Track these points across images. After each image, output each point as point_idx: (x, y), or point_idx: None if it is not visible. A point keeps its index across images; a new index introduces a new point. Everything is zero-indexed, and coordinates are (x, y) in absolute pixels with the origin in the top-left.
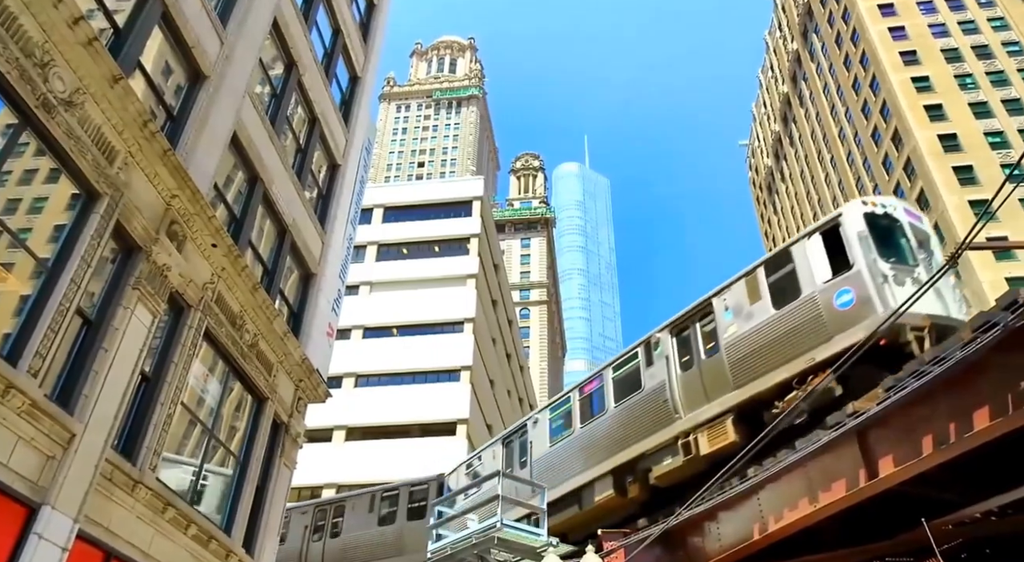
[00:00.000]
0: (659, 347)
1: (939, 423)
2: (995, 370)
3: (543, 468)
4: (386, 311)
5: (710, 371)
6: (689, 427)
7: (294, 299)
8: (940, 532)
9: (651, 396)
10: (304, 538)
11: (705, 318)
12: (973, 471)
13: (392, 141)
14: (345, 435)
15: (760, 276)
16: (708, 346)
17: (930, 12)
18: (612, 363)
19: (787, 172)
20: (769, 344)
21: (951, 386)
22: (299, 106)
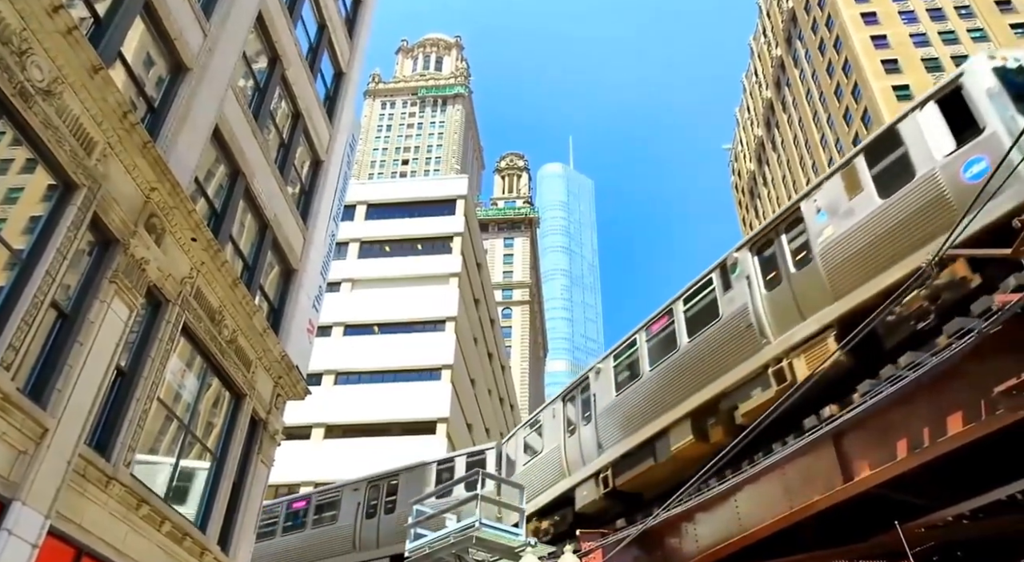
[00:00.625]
0: (738, 268)
1: (914, 427)
2: (969, 376)
3: (609, 421)
4: (368, 308)
5: (803, 284)
6: (780, 352)
7: (274, 295)
8: (913, 535)
9: (732, 323)
10: (357, 516)
11: (792, 228)
12: (946, 475)
13: (376, 138)
14: (324, 433)
15: (860, 165)
16: (798, 257)
17: (912, 22)
18: (681, 295)
19: (769, 177)
20: (877, 241)
21: (926, 391)
22: (283, 101)
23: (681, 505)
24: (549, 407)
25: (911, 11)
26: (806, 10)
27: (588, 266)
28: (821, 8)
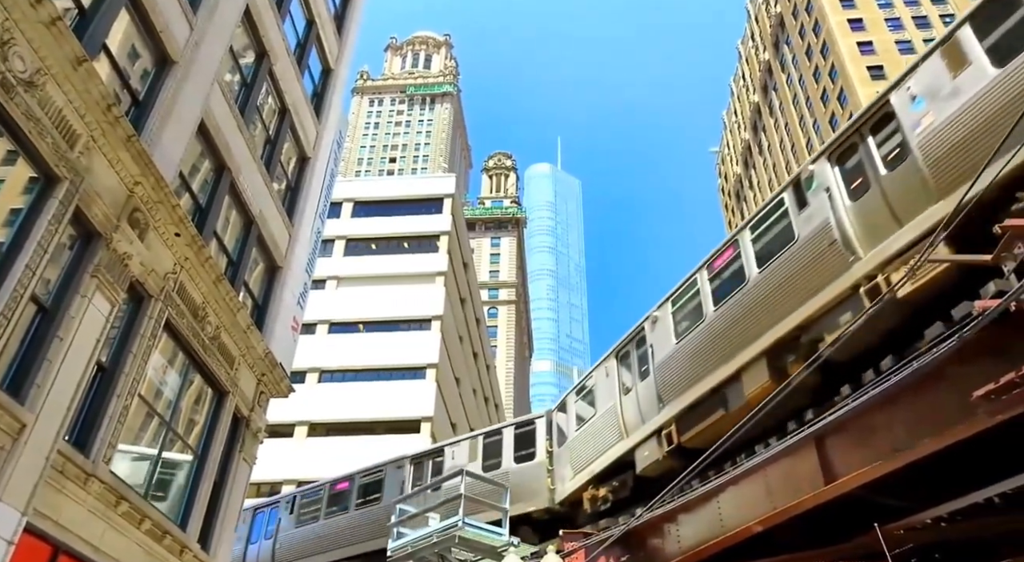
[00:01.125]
0: (814, 182)
1: (895, 430)
2: (949, 380)
3: (670, 372)
4: (353, 306)
5: (898, 186)
6: (873, 267)
7: (259, 292)
8: (892, 537)
9: (811, 244)
10: (402, 494)
11: (880, 127)
12: (925, 478)
13: (364, 135)
14: (307, 431)
15: (965, 36)
16: (891, 155)
17: (897, 29)
18: (748, 223)
19: (755, 180)
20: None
21: (908, 394)
22: (269, 96)
23: (664, 506)
24: (601, 366)
25: (897, 18)
26: (794, 15)
27: (574, 267)
28: (808, 14)
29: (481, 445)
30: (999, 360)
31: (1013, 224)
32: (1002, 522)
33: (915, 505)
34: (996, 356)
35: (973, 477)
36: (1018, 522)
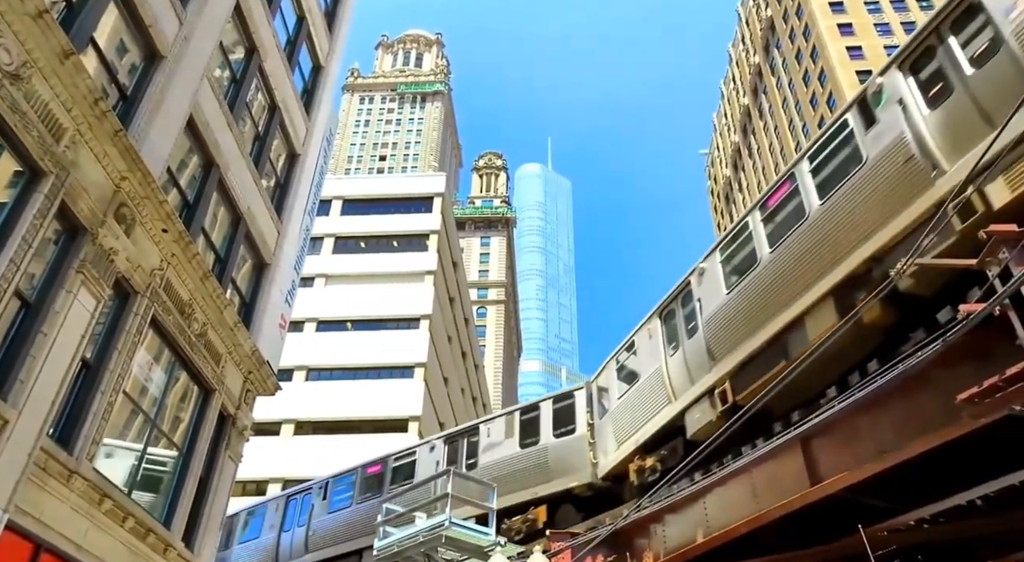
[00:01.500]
0: (884, 96)
1: (880, 433)
2: (934, 383)
3: (721, 326)
4: (341, 305)
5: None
6: (961, 179)
7: (246, 289)
8: (875, 538)
9: (884, 162)
10: None
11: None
12: (910, 480)
13: (354, 133)
14: (294, 429)
15: None
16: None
17: (886, 34)
18: (805, 153)
19: (744, 183)
20: None
21: (892, 398)
22: (259, 92)
23: (652, 506)
24: (642, 328)
25: (886, 23)
26: (784, 19)
27: (564, 267)
28: (799, 18)
29: (518, 421)
30: (983, 364)
31: (999, 229)
32: (984, 524)
33: (899, 507)
34: (980, 360)
35: (957, 479)
36: (999, 524)
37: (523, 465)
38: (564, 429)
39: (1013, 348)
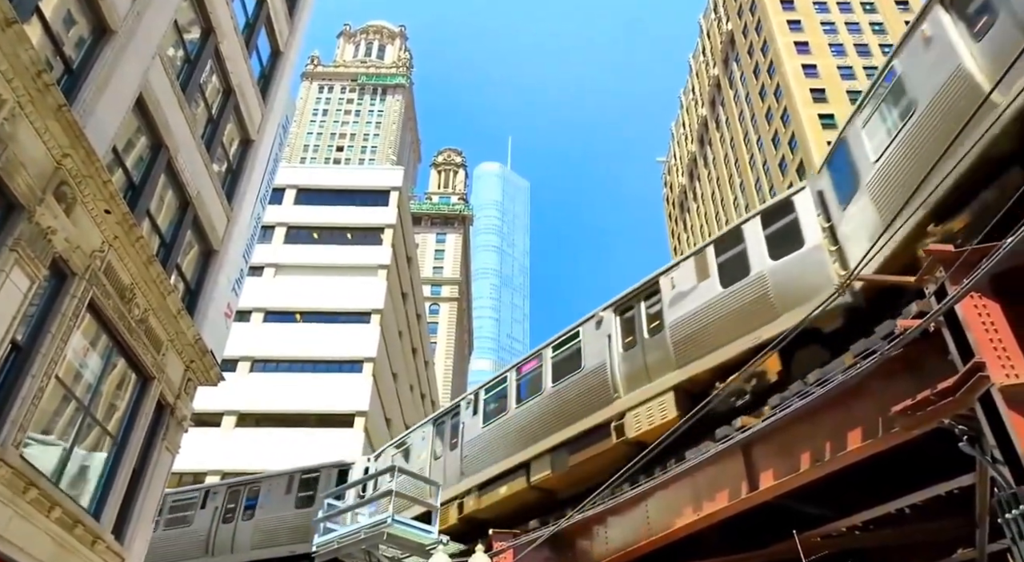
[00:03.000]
0: None
1: (817, 441)
2: (870, 395)
3: None
4: (291, 295)
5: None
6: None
7: (192, 276)
8: (809, 543)
9: None
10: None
11: None
12: (845, 487)
13: (311, 122)
14: (236, 421)
15: None
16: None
17: (840, 55)
18: None
19: (699, 192)
20: None
21: (831, 407)
22: (214, 75)
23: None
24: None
25: (840, 44)
26: (744, 34)
27: (519, 267)
28: (758, 34)
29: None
30: (917, 377)
31: (936, 249)
32: (912, 531)
33: (833, 513)
34: (915, 373)
35: (889, 488)
36: (926, 532)
37: (731, 308)
38: (786, 247)
39: (946, 363)
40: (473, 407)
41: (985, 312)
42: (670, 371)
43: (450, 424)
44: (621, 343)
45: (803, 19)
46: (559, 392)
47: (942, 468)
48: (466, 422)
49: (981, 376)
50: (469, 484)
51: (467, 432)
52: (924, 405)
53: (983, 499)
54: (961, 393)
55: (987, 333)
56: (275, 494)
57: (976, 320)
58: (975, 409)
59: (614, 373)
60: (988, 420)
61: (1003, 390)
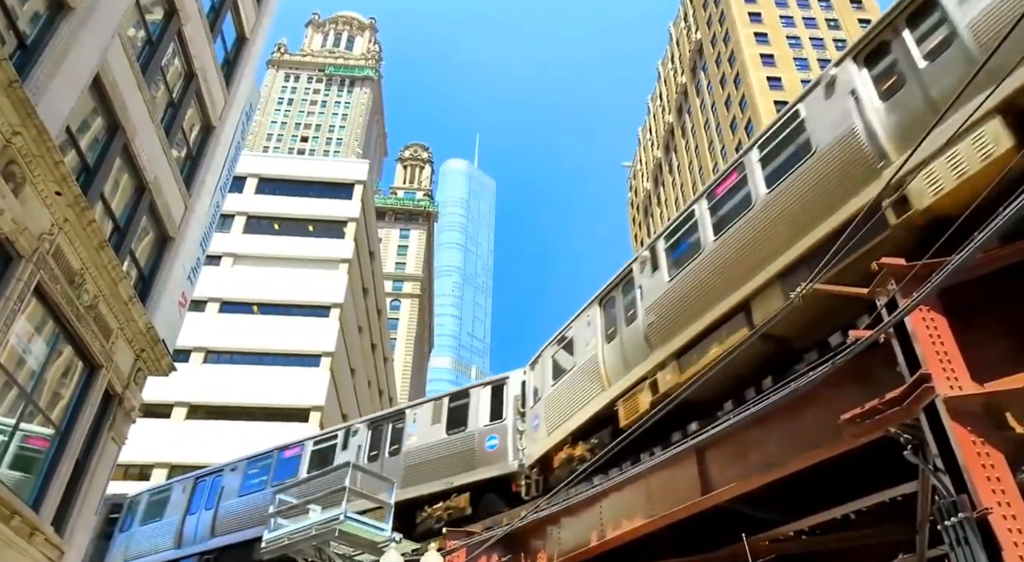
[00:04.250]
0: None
1: (769, 447)
2: (822, 403)
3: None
4: (248, 286)
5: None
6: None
7: (146, 263)
8: (758, 547)
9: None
10: None
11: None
12: (794, 492)
13: (276, 110)
14: (187, 413)
15: None
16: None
17: (804, 69)
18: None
19: (663, 198)
20: None
21: (783, 414)
22: (176, 58)
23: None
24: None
25: (804, 58)
26: (712, 44)
27: (482, 266)
28: (725, 44)
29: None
30: (866, 386)
31: (888, 262)
32: (856, 536)
33: (781, 518)
34: (864, 383)
35: (837, 494)
36: (870, 537)
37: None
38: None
39: (894, 374)
40: (652, 263)
41: (932, 325)
42: None
43: (622, 299)
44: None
45: (769, 32)
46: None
47: (887, 476)
48: (644, 284)
49: (927, 387)
50: (662, 355)
51: (648, 295)
52: (872, 414)
53: (924, 506)
54: (907, 403)
55: (934, 345)
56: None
57: (924, 333)
58: (920, 419)
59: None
60: (932, 430)
61: (947, 401)
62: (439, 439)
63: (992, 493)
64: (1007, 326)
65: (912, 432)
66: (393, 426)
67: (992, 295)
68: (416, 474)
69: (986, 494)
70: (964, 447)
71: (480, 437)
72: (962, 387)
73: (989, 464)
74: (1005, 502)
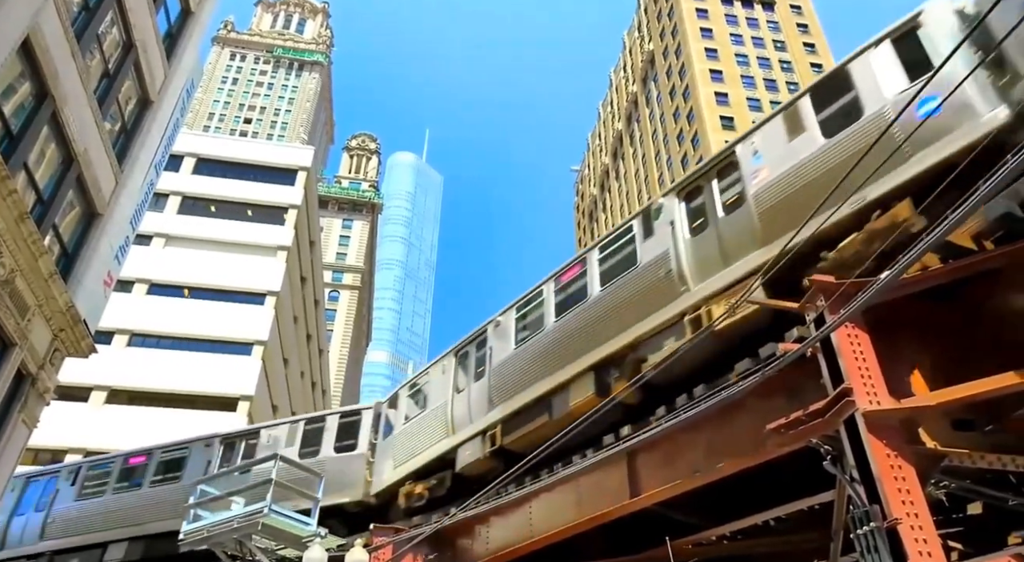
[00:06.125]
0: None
1: (698, 452)
2: (749, 412)
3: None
4: (180, 269)
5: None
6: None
7: (70, 238)
8: (681, 550)
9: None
10: None
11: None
12: (718, 498)
13: (219, 89)
14: (106, 397)
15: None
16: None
17: (750, 87)
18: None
19: (609, 204)
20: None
21: (713, 421)
22: (115, 27)
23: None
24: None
25: (751, 77)
26: (664, 56)
27: (425, 262)
28: (677, 57)
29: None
30: (792, 398)
31: (819, 279)
32: (775, 542)
33: (705, 522)
34: (791, 394)
35: (760, 500)
36: (788, 543)
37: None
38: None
39: (819, 387)
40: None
41: (856, 342)
42: None
43: (475, 354)
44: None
45: (719, 49)
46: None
47: (807, 484)
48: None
49: (848, 401)
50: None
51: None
52: (796, 424)
53: (839, 515)
54: (829, 415)
55: (856, 361)
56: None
57: (848, 348)
58: (840, 431)
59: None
60: (850, 442)
61: (866, 415)
62: None
63: (902, 504)
64: (928, 345)
65: (832, 443)
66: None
67: (915, 315)
68: None
69: (896, 505)
70: (879, 459)
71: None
72: (880, 402)
73: (901, 477)
74: (913, 513)
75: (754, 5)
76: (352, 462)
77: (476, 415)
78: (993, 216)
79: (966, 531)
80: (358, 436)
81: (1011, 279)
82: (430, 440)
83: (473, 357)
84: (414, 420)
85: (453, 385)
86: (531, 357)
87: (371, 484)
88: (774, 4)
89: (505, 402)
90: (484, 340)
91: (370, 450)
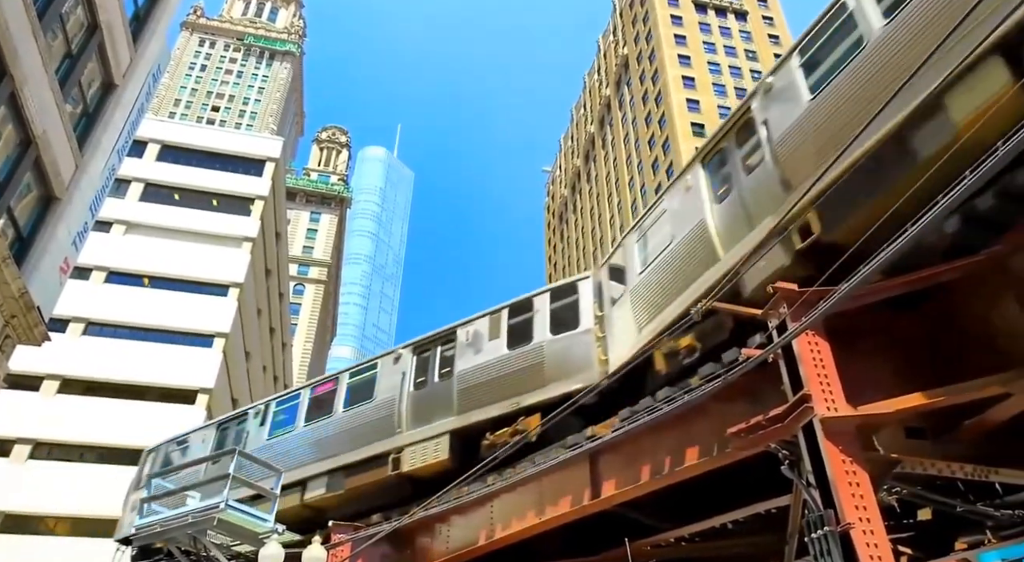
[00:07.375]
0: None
1: (659, 455)
2: (711, 415)
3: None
4: (140, 257)
5: None
6: None
7: (25, 222)
8: (640, 551)
9: None
10: None
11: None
12: (679, 500)
13: (187, 76)
14: (59, 386)
15: None
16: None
17: (721, 95)
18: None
19: (580, 206)
20: None
21: (674, 424)
22: (79, 7)
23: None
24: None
25: (723, 85)
26: (637, 60)
27: (393, 258)
28: (651, 62)
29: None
30: (754, 402)
31: (783, 287)
32: (732, 545)
33: (664, 524)
34: (752, 398)
35: (718, 503)
36: (744, 546)
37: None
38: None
39: (779, 392)
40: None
41: (816, 349)
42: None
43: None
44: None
45: (692, 56)
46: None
47: (765, 488)
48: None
49: (806, 407)
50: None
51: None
52: (756, 429)
53: (795, 519)
54: (788, 421)
55: (816, 368)
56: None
57: (808, 355)
58: (798, 436)
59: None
60: (808, 447)
61: (823, 421)
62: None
63: (855, 509)
64: (887, 353)
65: (790, 448)
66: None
67: (875, 324)
68: None
69: (850, 510)
70: (834, 465)
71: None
72: (838, 409)
73: (855, 482)
74: (866, 518)
75: (727, 14)
76: (577, 342)
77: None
78: None
79: (916, 536)
80: (578, 311)
81: (967, 292)
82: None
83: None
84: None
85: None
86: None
87: (608, 363)
88: (747, 14)
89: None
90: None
91: (597, 324)
